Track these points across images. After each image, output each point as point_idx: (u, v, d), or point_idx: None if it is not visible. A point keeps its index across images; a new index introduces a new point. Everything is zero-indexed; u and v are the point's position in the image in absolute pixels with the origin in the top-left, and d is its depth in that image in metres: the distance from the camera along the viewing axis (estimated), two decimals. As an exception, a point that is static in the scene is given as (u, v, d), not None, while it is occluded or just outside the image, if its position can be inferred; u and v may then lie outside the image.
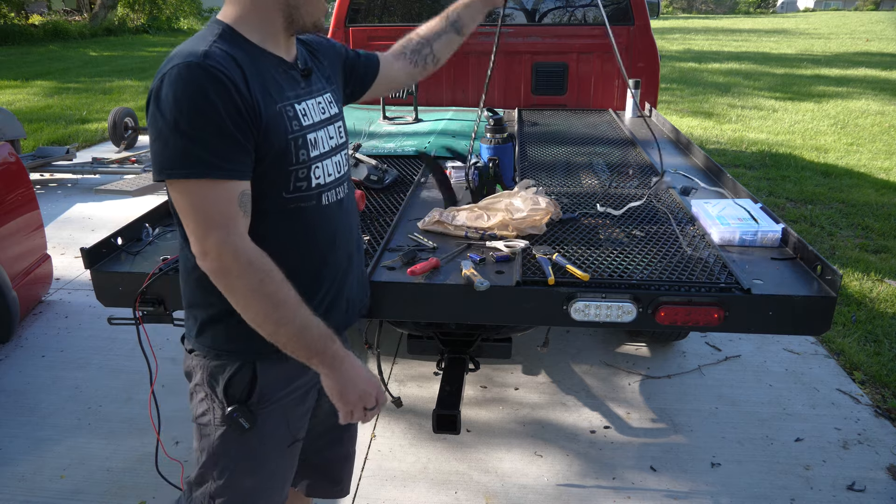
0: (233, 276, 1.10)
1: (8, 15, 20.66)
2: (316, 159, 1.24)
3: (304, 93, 1.26)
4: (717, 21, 35.01)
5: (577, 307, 1.70)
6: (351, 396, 1.23)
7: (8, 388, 2.92)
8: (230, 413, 1.27)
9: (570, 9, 4.10)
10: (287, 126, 1.18)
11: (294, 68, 1.26)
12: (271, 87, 1.17)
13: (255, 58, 1.17)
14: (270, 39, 1.21)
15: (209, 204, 1.08)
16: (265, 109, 1.13)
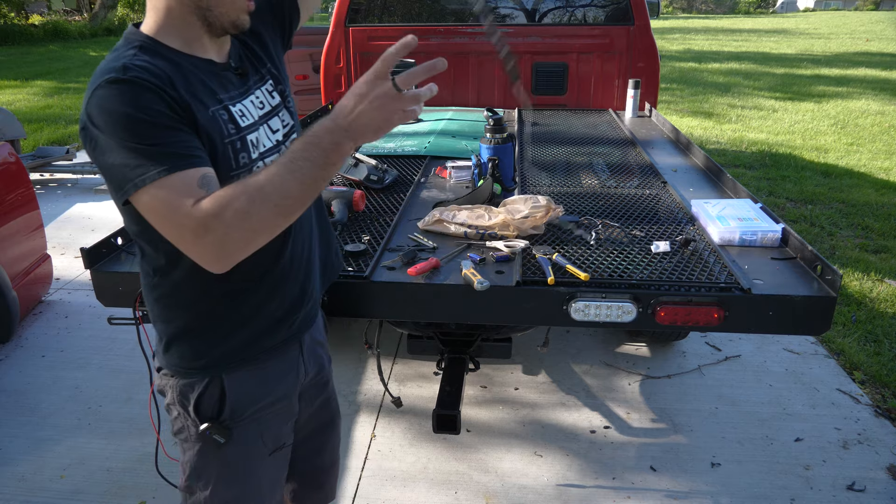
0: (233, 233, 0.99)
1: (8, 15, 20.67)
2: (259, 158, 1.20)
3: (240, 93, 1.21)
4: (717, 21, 35.00)
5: (577, 307, 1.70)
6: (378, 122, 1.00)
7: (8, 388, 2.92)
8: (203, 431, 1.25)
9: (570, 9, 4.10)
10: (222, 130, 1.13)
11: (228, 68, 1.21)
12: (201, 93, 1.12)
13: (180, 65, 1.11)
14: (195, 43, 1.16)
15: (174, 193, 0.99)
16: (199, 112, 1.08)
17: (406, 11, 4.17)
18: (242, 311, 1.23)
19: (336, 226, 2.11)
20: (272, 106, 1.28)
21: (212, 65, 1.18)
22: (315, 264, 1.37)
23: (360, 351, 3.17)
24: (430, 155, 2.97)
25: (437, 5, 4.17)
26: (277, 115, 1.29)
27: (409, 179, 2.66)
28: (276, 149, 1.25)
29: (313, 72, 5.17)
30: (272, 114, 1.27)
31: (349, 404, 2.80)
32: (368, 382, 2.96)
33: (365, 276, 1.78)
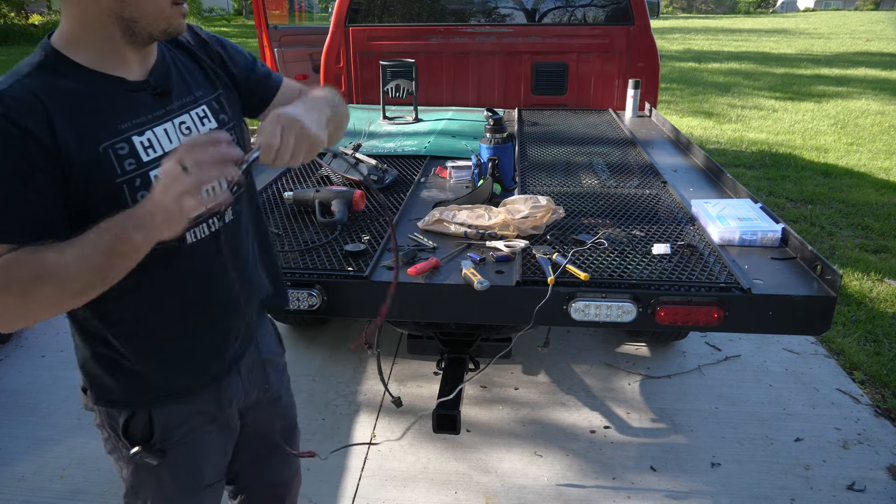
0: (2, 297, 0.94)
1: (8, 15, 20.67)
2: None
3: (152, 118, 1.08)
4: (717, 21, 34.99)
5: (577, 307, 1.70)
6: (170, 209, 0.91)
7: (8, 388, 2.92)
8: (134, 454, 1.19)
9: (570, 9, 4.10)
10: (114, 168, 1.01)
11: (143, 88, 1.08)
12: (95, 122, 1.00)
13: (77, 90, 1.00)
14: (111, 56, 1.04)
15: None
16: (79, 154, 0.97)
17: (406, 11, 4.17)
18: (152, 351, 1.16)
19: (336, 226, 2.11)
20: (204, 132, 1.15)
21: (121, 85, 1.05)
22: (240, 303, 1.26)
23: (360, 351, 3.17)
24: (430, 155, 2.97)
25: (437, 5, 4.17)
26: None
27: (409, 179, 2.66)
28: None
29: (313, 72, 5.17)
30: None
31: (349, 404, 2.80)
32: (368, 382, 2.96)
33: (365, 276, 1.78)
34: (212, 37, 1.27)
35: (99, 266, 0.95)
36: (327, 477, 2.38)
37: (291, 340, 3.29)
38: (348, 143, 2.87)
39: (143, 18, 1.02)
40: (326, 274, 1.81)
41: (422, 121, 3.64)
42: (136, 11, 1.01)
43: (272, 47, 5.08)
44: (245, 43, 19.81)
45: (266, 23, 5.03)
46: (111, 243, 0.94)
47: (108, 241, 0.94)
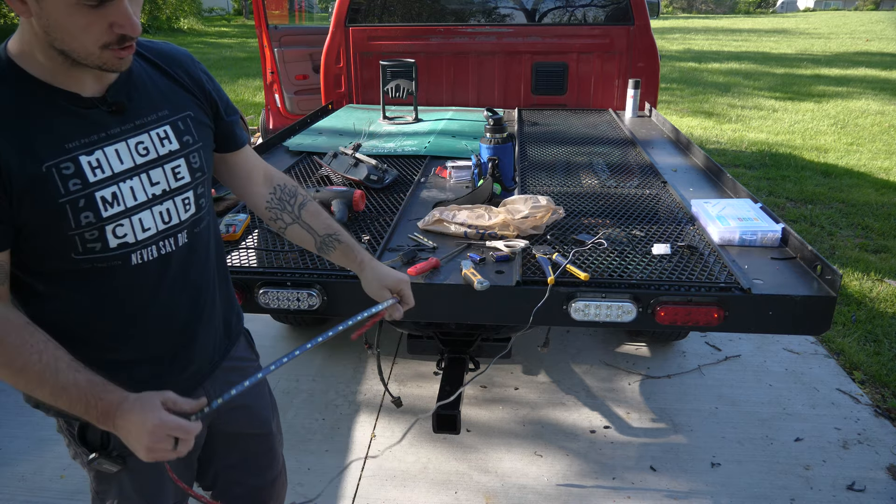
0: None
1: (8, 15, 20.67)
2: (115, 217, 1.05)
3: (105, 136, 1.05)
4: (717, 21, 34.99)
5: (577, 307, 1.70)
6: (137, 449, 1.04)
7: (8, 388, 2.90)
8: (92, 460, 1.18)
9: (570, 9, 4.10)
10: (58, 188, 0.99)
11: (97, 105, 1.04)
12: (41, 140, 0.98)
13: (29, 101, 0.98)
14: (62, 73, 1.00)
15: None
16: (21, 172, 0.96)
17: (406, 11, 4.17)
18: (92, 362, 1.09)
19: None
20: (159, 154, 1.11)
21: (74, 101, 1.02)
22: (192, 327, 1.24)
23: (360, 351, 3.17)
24: (430, 155, 2.98)
25: (437, 5, 4.17)
26: (164, 165, 1.12)
27: (409, 179, 2.66)
28: (149, 203, 1.10)
29: (313, 72, 5.17)
30: (157, 163, 1.11)
31: (349, 404, 2.80)
32: (368, 382, 2.96)
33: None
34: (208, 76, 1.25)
35: (45, 396, 1.04)
36: (327, 477, 2.38)
37: (291, 340, 3.29)
38: (348, 143, 2.87)
39: (72, 53, 0.97)
40: (326, 274, 1.81)
41: (422, 121, 3.64)
42: (64, 46, 0.96)
43: (272, 47, 5.08)
44: (245, 43, 19.80)
45: (266, 23, 5.03)
46: (73, 402, 1.02)
47: (71, 400, 1.02)
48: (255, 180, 1.35)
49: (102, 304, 1.11)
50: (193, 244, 1.20)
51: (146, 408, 1.03)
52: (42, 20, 0.94)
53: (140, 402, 1.03)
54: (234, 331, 1.40)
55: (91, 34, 0.95)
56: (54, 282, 1.07)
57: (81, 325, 1.11)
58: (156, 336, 1.19)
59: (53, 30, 0.94)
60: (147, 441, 1.02)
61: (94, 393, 1.03)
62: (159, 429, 1.02)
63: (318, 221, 1.36)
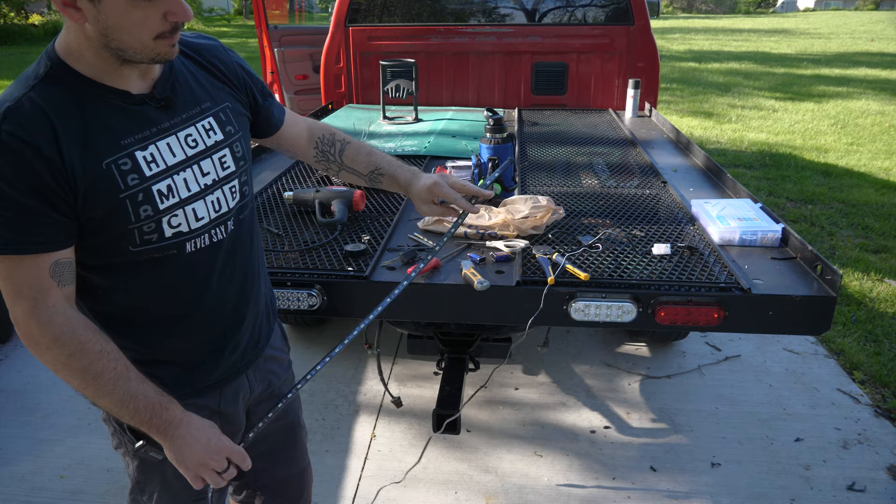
0: (41, 348, 1.04)
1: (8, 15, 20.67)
2: (171, 208, 1.09)
3: (157, 131, 1.08)
4: (717, 21, 34.98)
5: (577, 307, 1.70)
6: (188, 463, 1.12)
7: (8, 388, 2.92)
8: (139, 448, 1.19)
9: (570, 9, 4.10)
10: (118, 184, 1.03)
11: (146, 101, 1.08)
12: (99, 138, 1.01)
13: (84, 100, 1.01)
14: (111, 71, 1.03)
15: (15, 277, 1.01)
16: (84, 170, 0.99)
17: (406, 11, 4.17)
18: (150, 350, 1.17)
19: (336, 226, 2.11)
20: (207, 145, 1.15)
21: (125, 99, 1.05)
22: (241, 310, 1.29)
23: (360, 351, 3.17)
24: (430, 155, 2.97)
25: (437, 5, 4.17)
26: (214, 154, 1.16)
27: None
28: (202, 194, 1.14)
29: (313, 72, 5.17)
30: (206, 154, 1.15)
31: (349, 404, 2.80)
32: (368, 382, 2.96)
33: (365, 276, 1.78)
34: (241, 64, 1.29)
35: (111, 405, 1.08)
36: (327, 477, 2.38)
37: (291, 340, 3.27)
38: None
39: (128, 50, 1.00)
40: (326, 274, 1.81)
41: (422, 121, 3.64)
42: (120, 44, 0.99)
43: (272, 47, 5.08)
44: (245, 43, 19.79)
45: (266, 23, 5.03)
46: (138, 412, 1.08)
47: (138, 409, 1.08)
48: (300, 145, 1.43)
49: (158, 293, 1.14)
50: (239, 231, 1.24)
51: (212, 427, 1.14)
52: (99, 23, 0.96)
53: (206, 422, 1.14)
54: (273, 314, 1.44)
55: (147, 27, 0.98)
56: (111, 275, 1.10)
57: (139, 314, 1.15)
58: (209, 320, 1.23)
59: (111, 30, 0.97)
60: (203, 457, 1.11)
61: (161, 403, 1.09)
62: (221, 450, 1.13)
63: (360, 161, 1.43)
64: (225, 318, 1.25)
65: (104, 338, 1.07)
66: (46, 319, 1.02)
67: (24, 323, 1.03)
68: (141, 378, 1.08)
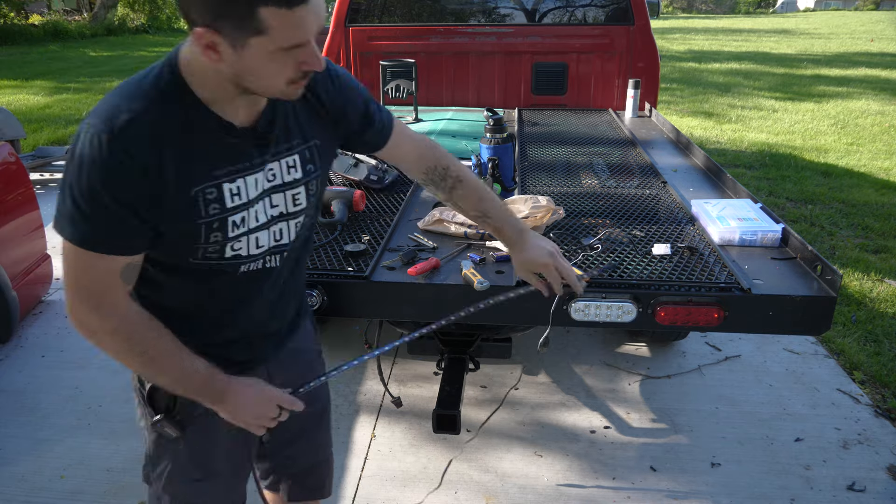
0: (100, 336, 1.11)
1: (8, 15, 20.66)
2: (239, 237, 1.13)
3: (248, 166, 1.11)
4: (717, 21, 34.99)
5: (577, 307, 1.70)
6: (245, 421, 1.24)
7: (8, 388, 2.92)
8: (156, 422, 1.26)
9: (570, 9, 4.10)
10: (200, 211, 1.07)
11: (245, 135, 1.10)
12: (195, 165, 1.05)
13: (193, 125, 1.04)
14: (225, 101, 1.06)
15: (87, 272, 1.06)
16: (175, 193, 1.04)
17: (406, 11, 4.17)
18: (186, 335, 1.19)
19: (336, 226, 2.11)
20: (284, 181, 1.17)
21: (229, 131, 1.08)
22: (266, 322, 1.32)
23: (360, 351, 3.17)
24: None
25: (437, 5, 4.17)
26: (287, 191, 1.18)
27: (409, 179, 2.66)
28: (268, 224, 1.17)
29: (313, 72, 5.17)
30: (281, 189, 1.17)
31: (349, 404, 2.80)
32: (368, 382, 2.96)
33: (365, 276, 1.78)
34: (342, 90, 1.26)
35: (167, 382, 1.18)
36: (327, 477, 2.38)
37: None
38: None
39: (258, 90, 1.04)
40: (326, 274, 1.81)
41: (422, 121, 3.64)
42: (251, 86, 1.03)
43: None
44: (245, 43, 19.80)
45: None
46: (193, 388, 1.18)
47: (193, 385, 1.17)
48: (405, 167, 1.44)
49: (210, 295, 1.20)
50: (291, 258, 1.28)
51: (256, 384, 1.24)
52: (235, 66, 0.99)
53: (249, 381, 1.23)
54: (303, 314, 1.46)
55: (282, 75, 1.01)
56: (171, 274, 1.16)
57: (192, 309, 1.21)
58: (253, 319, 1.28)
59: (246, 74, 1.00)
60: (254, 412, 1.22)
61: (211, 375, 1.18)
62: (269, 402, 1.24)
63: (469, 204, 1.42)
64: (255, 324, 1.30)
65: (157, 324, 1.13)
66: (108, 313, 1.08)
67: (85, 315, 1.08)
68: (192, 356, 1.15)
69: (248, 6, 0.92)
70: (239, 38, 0.95)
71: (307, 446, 1.56)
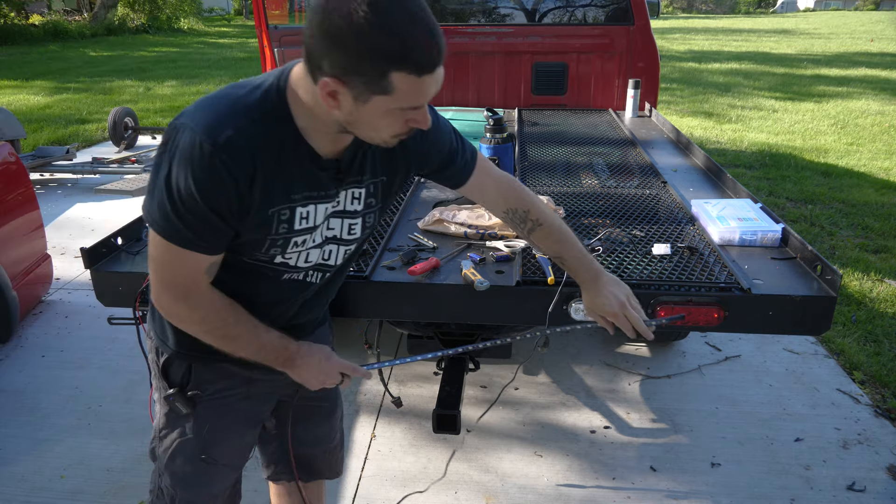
0: (188, 323, 1.20)
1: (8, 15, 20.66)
2: (294, 252, 1.21)
3: (322, 195, 1.17)
4: (717, 21, 34.99)
5: (578, 307, 1.70)
6: (310, 383, 1.32)
7: (8, 388, 2.92)
8: (169, 396, 1.32)
9: (570, 9, 4.10)
10: (271, 228, 1.14)
11: (329, 167, 1.16)
12: (279, 188, 1.11)
13: (286, 151, 1.09)
14: (320, 133, 1.11)
15: (178, 267, 1.13)
16: (257, 209, 1.10)
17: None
18: None
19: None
20: (345, 209, 1.23)
21: (315, 161, 1.13)
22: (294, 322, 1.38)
23: (359, 351, 3.16)
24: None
25: (437, 5, 4.17)
26: (345, 219, 1.25)
27: (409, 179, 2.65)
28: (320, 245, 1.24)
29: (313, 72, 5.18)
30: (340, 215, 1.24)
31: (349, 404, 2.80)
32: (368, 382, 2.96)
33: (365, 276, 1.78)
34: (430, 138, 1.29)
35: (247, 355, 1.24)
36: (327, 477, 2.38)
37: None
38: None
39: (361, 136, 1.10)
40: (326, 274, 1.80)
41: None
42: (358, 133, 1.09)
43: (272, 47, 5.08)
44: (245, 43, 19.81)
45: (266, 23, 5.03)
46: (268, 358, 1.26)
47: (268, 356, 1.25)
48: (487, 202, 1.48)
49: (248, 289, 1.26)
50: (332, 276, 1.36)
51: (322, 351, 1.31)
52: (350, 115, 1.04)
53: (317, 347, 1.31)
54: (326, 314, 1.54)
55: (391, 129, 1.07)
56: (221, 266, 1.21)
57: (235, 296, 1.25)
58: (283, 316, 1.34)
59: (357, 122, 1.05)
60: (318, 377, 1.30)
61: (283, 345, 1.26)
62: (333, 367, 1.32)
63: (546, 245, 1.47)
64: (283, 318, 1.35)
65: (236, 307, 1.20)
66: (195, 304, 1.17)
67: (174, 305, 1.17)
68: (267, 329, 1.23)
69: (382, 69, 0.97)
70: (363, 93, 1.00)
71: (309, 436, 1.60)
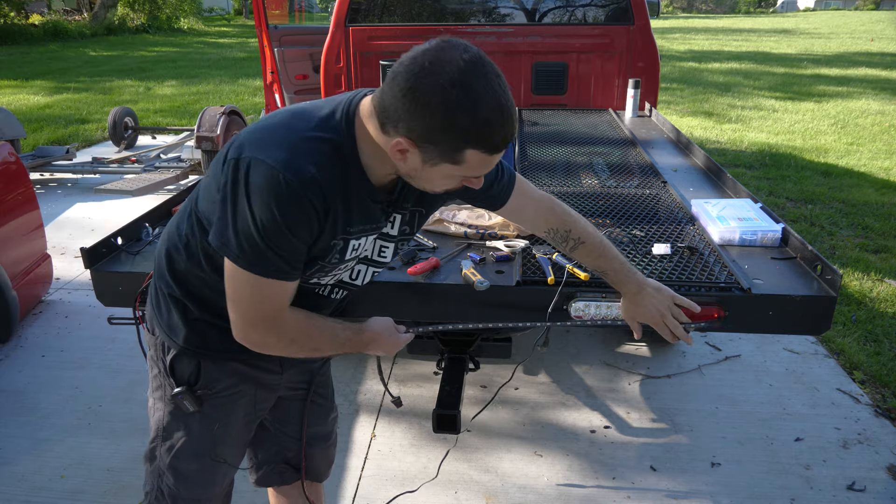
0: (278, 348, 1.23)
1: (8, 15, 20.66)
2: (329, 277, 1.26)
3: (374, 228, 1.22)
4: (717, 21, 34.99)
5: (577, 307, 1.70)
6: (391, 352, 1.37)
7: (8, 388, 2.92)
8: (177, 394, 1.32)
9: (570, 8, 4.10)
10: (326, 256, 1.18)
11: (382, 201, 1.20)
12: (341, 220, 1.15)
13: (350, 185, 1.13)
14: (379, 172, 1.15)
15: (266, 299, 1.16)
16: (321, 241, 1.15)
17: (406, 11, 4.17)
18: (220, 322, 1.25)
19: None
20: (380, 231, 1.27)
21: (373, 195, 1.17)
22: None
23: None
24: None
25: (437, 5, 4.17)
26: (378, 241, 1.29)
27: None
28: (349, 263, 1.26)
29: (313, 72, 5.18)
30: (377, 239, 1.28)
31: (349, 404, 2.80)
32: (368, 382, 2.96)
33: (365, 276, 1.78)
34: None
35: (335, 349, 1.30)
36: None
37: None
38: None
39: (416, 185, 1.15)
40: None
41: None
42: (416, 184, 1.15)
43: (272, 47, 5.08)
44: (245, 43, 19.80)
45: (266, 23, 5.03)
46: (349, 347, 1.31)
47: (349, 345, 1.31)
48: (528, 223, 1.52)
49: None
50: (353, 294, 1.40)
51: (386, 323, 1.36)
52: (415, 172, 1.10)
53: (379, 323, 1.35)
54: None
55: (448, 185, 1.14)
56: None
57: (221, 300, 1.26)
58: None
59: (418, 177, 1.12)
60: (393, 348, 1.36)
61: (357, 335, 1.31)
62: (396, 344, 1.36)
63: (588, 261, 1.50)
64: None
65: (310, 315, 1.24)
66: (284, 330, 1.20)
67: (266, 336, 1.20)
68: (342, 325, 1.29)
69: (459, 145, 1.03)
70: (434, 159, 1.05)
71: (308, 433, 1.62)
